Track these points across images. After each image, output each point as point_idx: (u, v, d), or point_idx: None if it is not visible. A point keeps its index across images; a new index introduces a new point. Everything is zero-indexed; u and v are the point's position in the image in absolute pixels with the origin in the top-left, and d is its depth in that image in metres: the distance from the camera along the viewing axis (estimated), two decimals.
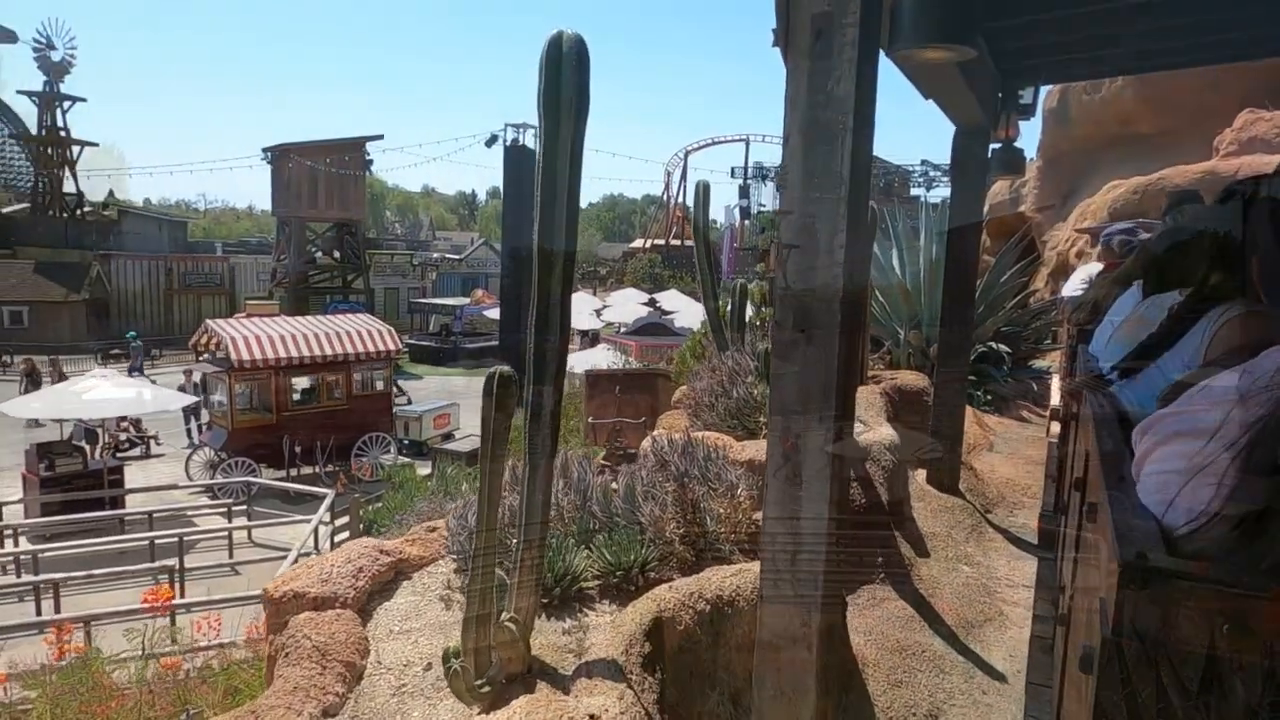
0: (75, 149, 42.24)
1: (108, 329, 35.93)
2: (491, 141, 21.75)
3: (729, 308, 5.99)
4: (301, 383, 17.97)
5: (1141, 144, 13.71)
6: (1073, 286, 5.83)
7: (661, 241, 54.36)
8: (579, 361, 19.16)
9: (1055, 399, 5.96)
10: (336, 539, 12.55)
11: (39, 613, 10.17)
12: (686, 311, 28.42)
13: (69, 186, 42.10)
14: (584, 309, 37.12)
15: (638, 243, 61.59)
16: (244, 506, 14.76)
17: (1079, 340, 3.51)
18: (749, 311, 5.89)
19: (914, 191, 41.11)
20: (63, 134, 41.58)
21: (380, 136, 36.76)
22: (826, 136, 2.29)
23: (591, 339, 29.87)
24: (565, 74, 2.32)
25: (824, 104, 2.28)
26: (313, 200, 33.95)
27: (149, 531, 12.72)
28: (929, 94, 5.51)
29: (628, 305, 37.05)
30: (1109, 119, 13.96)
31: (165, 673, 5.44)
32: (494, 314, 32.69)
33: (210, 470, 16.59)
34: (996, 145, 5.82)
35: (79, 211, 42.11)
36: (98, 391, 14.38)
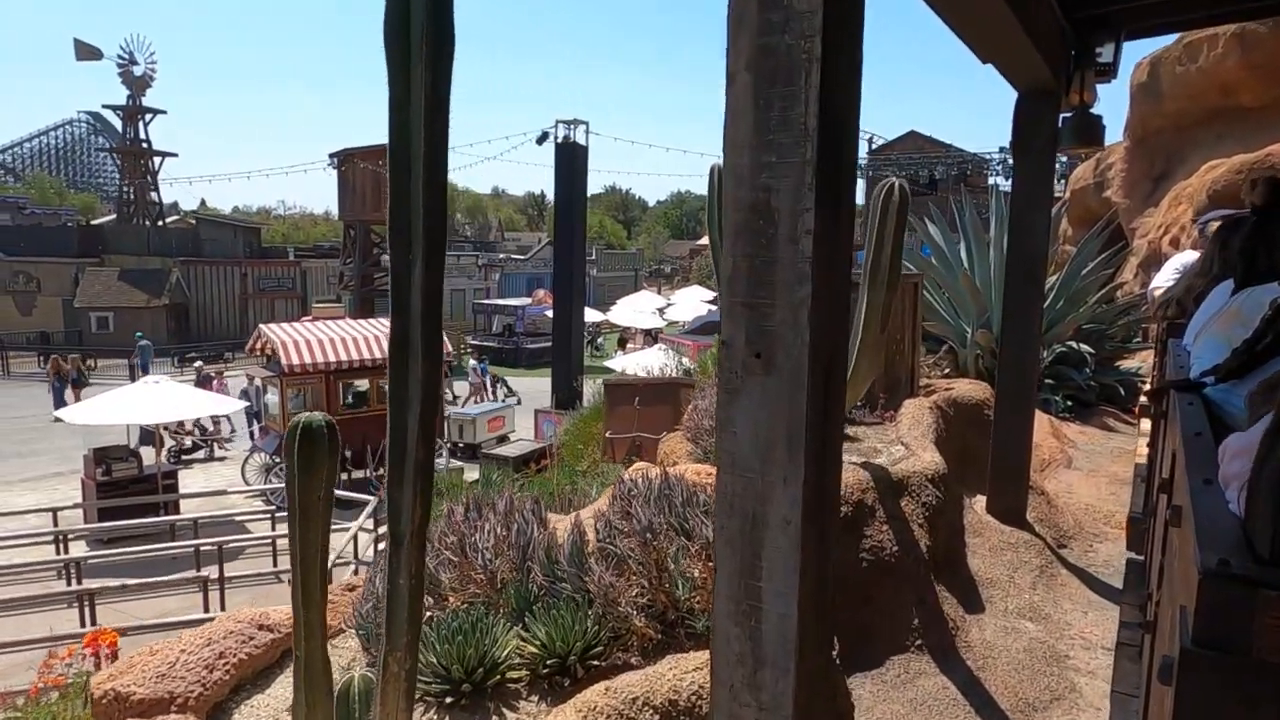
0: (157, 160, 44.10)
1: (187, 333, 37.29)
2: (543, 139, 21.21)
3: None
4: (352, 386, 17.85)
5: (1244, 118, 12.31)
6: (1163, 277, 4.99)
7: None
8: (631, 363, 18.58)
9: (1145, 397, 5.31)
10: (380, 546, 12.28)
11: (81, 623, 10.13)
12: None
13: (152, 196, 44.00)
14: (647, 307, 36.64)
15: (705, 239, 60.70)
16: None
17: (1168, 335, 3.30)
18: None
19: (991, 180, 39.12)
20: (145, 145, 43.45)
21: None
22: (785, 73, 1.57)
23: (652, 338, 29.26)
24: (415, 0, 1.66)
25: (780, 24, 1.56)
26: (376, 203, 34.24)
27: (197, 538, 12.65)
28: (986, 56, 4.73)
29: (692, 303, 36.36)
30: (1208, 90, 12.56)
31: None
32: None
33: (265, 474, 16.61)
34: (1068, 115, 4.95)
35: (161, 220, 43.88)
36: (148, 397, 14.45)
